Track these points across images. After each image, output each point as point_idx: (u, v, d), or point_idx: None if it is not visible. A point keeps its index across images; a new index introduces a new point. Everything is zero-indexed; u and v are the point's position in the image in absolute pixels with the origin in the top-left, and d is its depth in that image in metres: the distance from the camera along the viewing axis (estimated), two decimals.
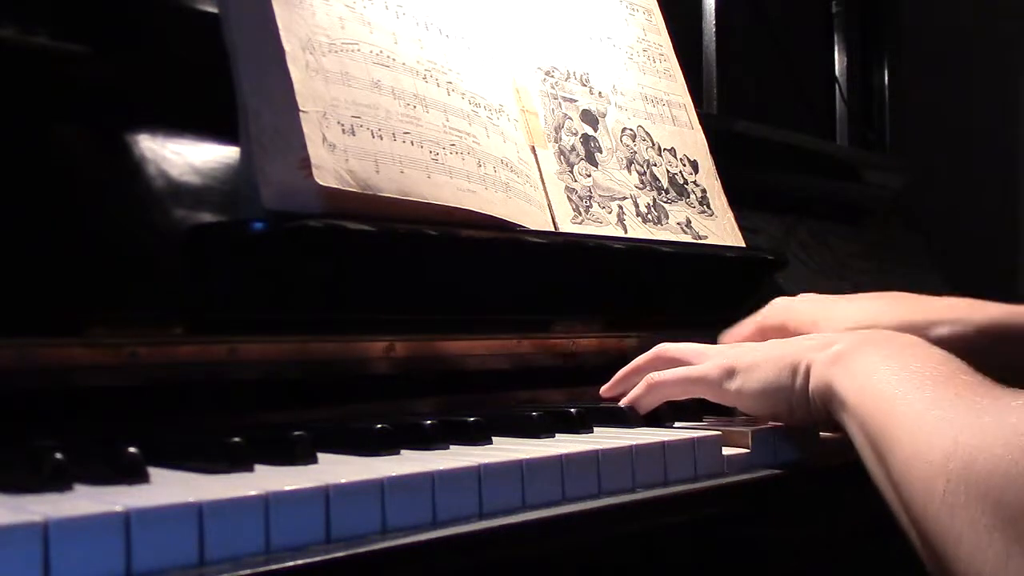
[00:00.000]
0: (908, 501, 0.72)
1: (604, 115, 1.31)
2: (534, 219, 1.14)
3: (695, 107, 1.46)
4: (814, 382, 0.89)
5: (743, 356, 0.97)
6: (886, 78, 2.28)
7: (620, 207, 1.26)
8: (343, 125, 0.97)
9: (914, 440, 0.71)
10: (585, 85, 1.31)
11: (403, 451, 0.78)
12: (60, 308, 0.85)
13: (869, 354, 0.83)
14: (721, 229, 1.38)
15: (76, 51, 0.97)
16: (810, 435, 0.96)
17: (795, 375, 0.91)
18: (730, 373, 0.96)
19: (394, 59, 1.05)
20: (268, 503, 0.59)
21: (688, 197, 1.36)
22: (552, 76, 1.27)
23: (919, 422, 0.72)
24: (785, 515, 0.97)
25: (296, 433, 0.73)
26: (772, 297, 1.20)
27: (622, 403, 1.00)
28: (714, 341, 1.14)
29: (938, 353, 0.81)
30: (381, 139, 1.00)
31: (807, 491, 0.96)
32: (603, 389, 1.08)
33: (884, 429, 0.76)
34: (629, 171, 1.30)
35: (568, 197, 1.20)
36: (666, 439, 0.85)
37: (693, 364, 1.00)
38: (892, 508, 0.76)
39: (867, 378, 0.81)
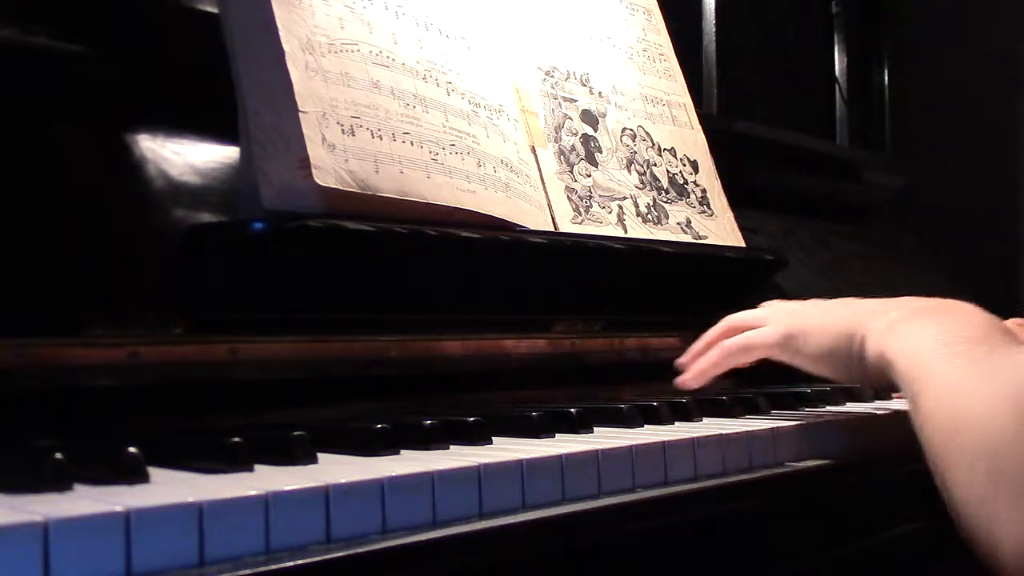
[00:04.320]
0: (927, 442, 0.82)
1: (604, 115, 1.31)
2: (534, 219, 1.14)
3: (695, 107, 1.46)
4: (870, 349, 0.95)
5: (802, 323, 1.05)
6: (886, 78, 2.28)
7: (620, 207, 1.26)
8: (343, 125, 0.97)
9: (937, 392, 0.83)
10: (585, 85, 1.31)
11: (403, 451, 0.78)
12: (60, 308, 0.85)
13: (919, 321, 0.91)
14: (721, 229, 1.38)
15: (76, 51, 0.97)
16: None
17: (851, 342, 0.98)
18: (790, 339, 1.04)
19: (394, 59, 1.05)
20: (268, 503, 0.59)
21: (688, 197, 1.36)
22: (552, 76, 1.27)
23: (945, 377, 0.83)
24: (780, 514, 0.97)
25: (296, 433, 0.73)
26: (772, 297, 1.21)
27: (692, 370, 1.08)
28: None
29: (983, 318, 0.90)
30: (381, 139, 1.00)
31: (797, 493, 0.96)
32: (678, 361, 1.13)
33: (920, 384, 0.85)
34: (629, 171, 1.30)
35: (568, 197, 1.20)
36: (667, 439, 0.85)
37: (757, 328, 1.08)
38: (926, 456, 0.84)
39: (914, 343, 0.89)
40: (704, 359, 1.08)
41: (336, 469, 0.69)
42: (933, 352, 0.85)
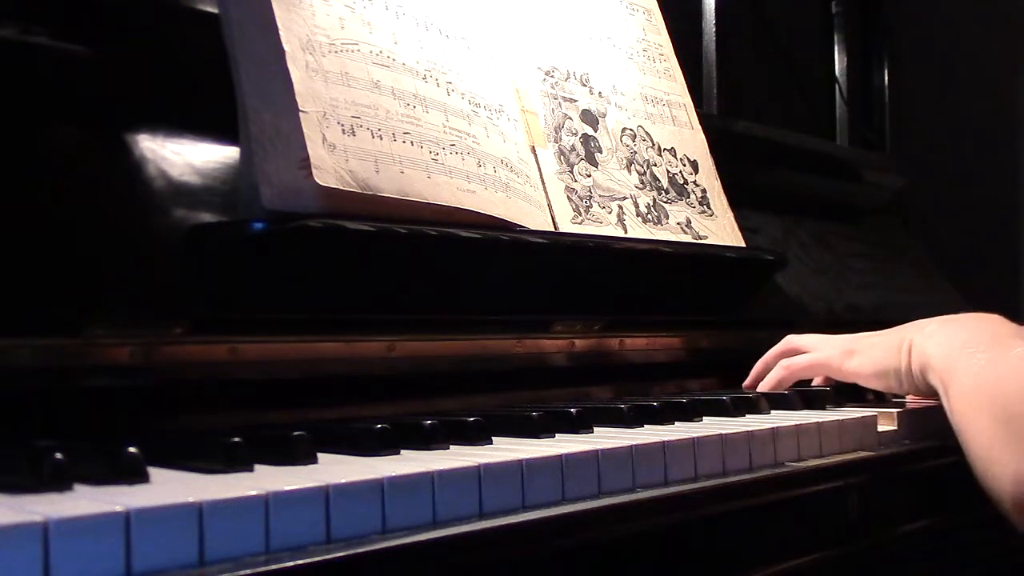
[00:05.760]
0: (954, 418, 1.02)
1: (604, 115, 1.31)
2: (534, 219, 1.14)
3: (695, 107, 1.46)
4: (915, 354, 1.10)
5: (861, 340, 1.19)
6: (886, 78, 2.28)
7: (620, 207, 1.26)
8: (343, 125, 0.97)
9: (962, 377, 1.01)
10: (585, 85, 1.31)
11: (403, 451, 0.78)
12: (60, 308, 0.85)
13: (951, 328, 1.09)
14: (721, 229, 1.38)
15: (76, 51, 0.97)
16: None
17: (900, 352, 1.12)
18: (850, 354, 1.17)
19: (394, 59, 1.05)
20: (268, 503, 0.59)
21: (688, 197, 1.36)
22: (552, 76, 1.27)
23: (969, 368, 1.02)
24: (781, 514, 0.97)
25: (296, 433, 0.73)
26: (772, 297, 1.22)
27: (761, 387, 1.21)
28: (716, 340, 1.15)
29: (1009, 327, 1.07)
30: (381, 139, 1.00)
31: (797, 493, 0.96)
32: (746, 383, 1.26)
33: (949, 374, 1.04)
34: (629, 171, 1.30)
35: (568, 197, 1.20)
36: (667, 439, 0.85)
37: (818, 350, 1.21)
38: (954, 430, 1.02)
39: (947, 344, 1.06)
40: (771, 379, 1.21)
41: (336, 469, 0.69)
42: (961, 350, 1.04)
